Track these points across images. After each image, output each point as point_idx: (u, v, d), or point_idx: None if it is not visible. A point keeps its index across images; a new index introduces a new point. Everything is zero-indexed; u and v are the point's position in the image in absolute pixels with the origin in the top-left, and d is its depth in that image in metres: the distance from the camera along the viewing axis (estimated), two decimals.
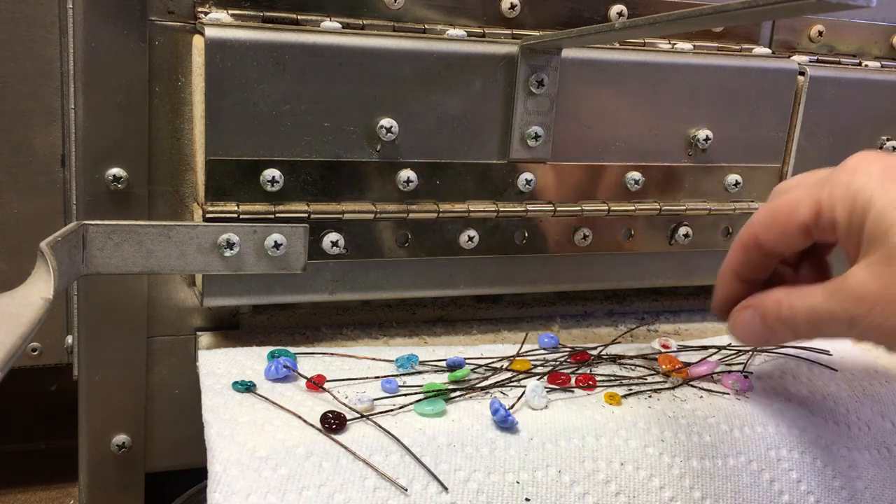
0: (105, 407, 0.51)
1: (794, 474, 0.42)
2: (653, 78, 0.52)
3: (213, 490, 0.36)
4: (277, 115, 0.45)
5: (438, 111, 0.48)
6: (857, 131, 0.59)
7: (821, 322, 0.35)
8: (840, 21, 0.61)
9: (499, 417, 0.40)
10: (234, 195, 0.46)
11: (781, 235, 0.37)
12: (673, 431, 0.42)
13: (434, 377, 0.45)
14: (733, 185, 0.56)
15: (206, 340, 0.51)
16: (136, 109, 0.46)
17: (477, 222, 0.51)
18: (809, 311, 0.36)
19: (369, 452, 0.38)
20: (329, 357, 0.47)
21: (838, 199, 0.35)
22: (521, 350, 0.49)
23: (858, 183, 0.34)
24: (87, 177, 0.46)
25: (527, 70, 0.49)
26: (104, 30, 0.44)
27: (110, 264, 0.42)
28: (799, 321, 0.36)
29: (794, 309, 0.36)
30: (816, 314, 0.35)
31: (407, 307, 0.56)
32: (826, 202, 0.35)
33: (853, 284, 0.34)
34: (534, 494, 0.38)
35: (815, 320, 0.35)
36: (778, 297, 0.38)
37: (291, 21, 0.47)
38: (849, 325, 0.34)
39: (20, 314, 0.33)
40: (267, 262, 0.45)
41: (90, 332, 0.49)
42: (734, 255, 0.40)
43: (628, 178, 0.54)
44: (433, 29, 0.50)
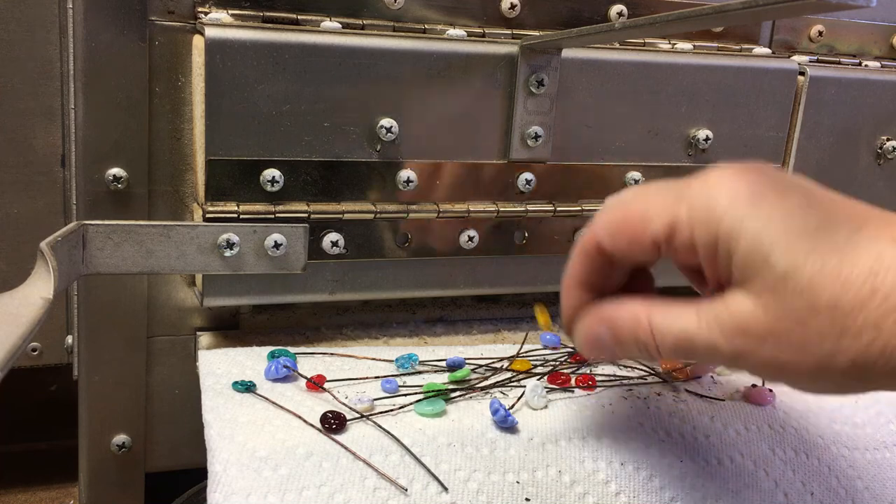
0: (105, 407, 0.51)
1: (793, 474, 0.42)
2: (653, 78, 0.52)
3: (213, 490, 0.36)
4: (277, 115, 0.45)
5: (438, 111, 0.48)
6: (857, 131, 0.59)
7: (694, 350, 0.31)
8: (840, 21, 0.61)
9: (499, 417, 0.40)
10: (234, 195, 0.46)
11: (630, 246, 0.32)
12: (673, 431, 0.42)
13: (434, 377, 0.45)
14: None
15: (206, 340, 0.51)
16: (136, 109, 0.46)
17: (477, 222, 0.51)
18: (681, 337, 0.31)
19: (369, 452, 0.38)
20: (329, 357, 0.47)
21: (698, 221, 0.30)
22: (521, 350, 0.49)
23: (723, 204, 0.29)
24: (87, 177, 0.46)
25: (527, 70, 0.49)
26: (104, 30, 0.44)
27: (110, 264, 0.42)
28: (666, 344, 0.32)
29: (661, 331, 0.31)
30: (690, 341, 0.31)
31: (407, 307, 0.56)
32: (683, 221, 0.30)
33: (737, 315, 0.29)
34: (534, 494, 0.38)
35: (686, 347, 0.31)
36: (635, 312, 0.33)
37: (291, 21, 0.47)
38: (732, 357, 0.30)
39: (20, 314, 0.33)
40: (267, 262, 0.45)
41: (90, 332, 0.49)
42: (577, 263, 0.35)
43: (628, 178, 0.54)
44: (433, 29, 0.50)
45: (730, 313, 0.30)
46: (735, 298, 0.30)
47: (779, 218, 0.29)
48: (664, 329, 0.31)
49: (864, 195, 0.61)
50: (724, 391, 0.46)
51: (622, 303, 0.33)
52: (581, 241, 0.35)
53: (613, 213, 0.33)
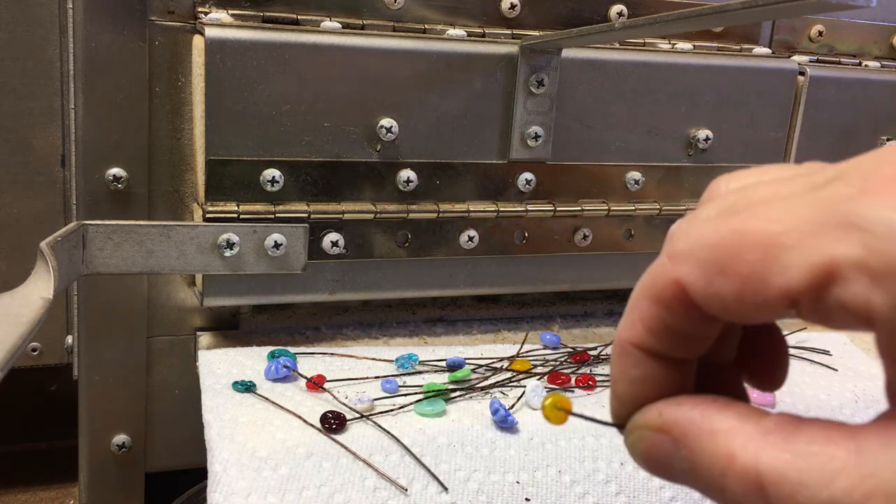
0: (105, 407, 0.51)
1: None
2: (653, 78, 0.52)
3: (213, 490, 0.36)
4: (277, 115, 0.45)
5: (438, 111, 0.48)
6: (857, 131, 0.59)
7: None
8: (840, 21, 0.61)
9: (499, 417, 0.40)
10: (234, 195, 0.46)
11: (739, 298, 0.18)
12: None
13: (434, 377, 0.45)
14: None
15: (206, 340, 0.51)
16: (136, 109, 0.46)
17: (477, 222, 0.51)
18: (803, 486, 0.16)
19: (369, 452, 0.38)
20: (329, 357, 0.47)
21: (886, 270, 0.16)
22: (521, 350, 0.49)
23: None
24: (87, 177, 0.46)
25: (527, 70, 0.49)
26: (104, 30, 0.44)
27: (110, 264, 0.42)
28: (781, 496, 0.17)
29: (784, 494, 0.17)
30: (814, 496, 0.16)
31: (407, 307, 0.56)
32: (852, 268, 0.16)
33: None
34: (534, 494, 0.38)
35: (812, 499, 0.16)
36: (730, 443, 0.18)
37: (291, 21, 0.47)
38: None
39: (20, 314, 0.33)
40: (267, 262, 0.45)
41: (90, 332, 0.49)
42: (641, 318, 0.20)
43: (628, 178, 0.54)
44: (433, 29, 0.50)
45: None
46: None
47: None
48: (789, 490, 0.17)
49: None
50: None
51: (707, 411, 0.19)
52: (647, 280, 0.20)
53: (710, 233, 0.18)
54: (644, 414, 0.20)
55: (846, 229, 0.16)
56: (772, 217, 0.17)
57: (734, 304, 0.18)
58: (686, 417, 0.19)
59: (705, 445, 0.18)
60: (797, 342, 0.52)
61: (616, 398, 0.21)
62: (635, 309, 0.20)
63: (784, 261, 0.17)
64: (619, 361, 0.21)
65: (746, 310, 0.18)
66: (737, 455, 0.18)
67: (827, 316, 0.17)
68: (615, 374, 0.21)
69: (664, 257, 0.19)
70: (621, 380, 0.21)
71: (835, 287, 0.16)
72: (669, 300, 0.19)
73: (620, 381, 0.21)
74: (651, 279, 0.19)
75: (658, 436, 0.20)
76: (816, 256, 0.16)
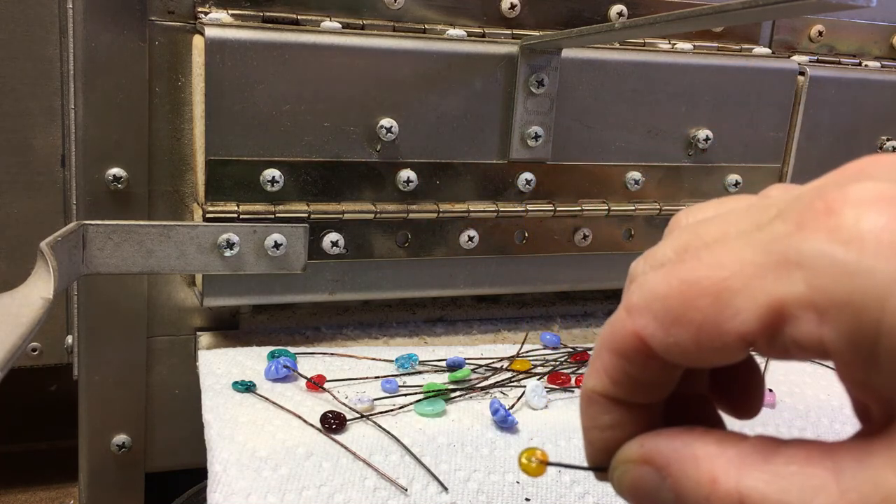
0: (105, 407, 0.51)
1: None
2: (653, 78, 0.52)
3: (213, 490, 0.36)
4: (277, 115, 0.45)
5: (438, 111, 0.48)
6: (857, 131, 0.59)
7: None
8: (840, 21, 0.61)
9: (499, 417, 0.40)
10: (234, 195, 0.46)
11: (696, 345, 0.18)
12: None
13: (434, 377, 0.45)
14: (733, 185, 0.56)
15: (206, 340, 0.51)
16: (136, 109, 0.46)
17: (477, 222, 0.51)
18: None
19: (369, 452, 0.38)
20: (329, 357, 0.47)
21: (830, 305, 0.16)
22: (521, 350, 0.49)
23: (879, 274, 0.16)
24: (87, 177, 0.46)
25: (527, 70, 0.49)
26: (104, 30, 0.44)
27: (110, 264, 0.42)
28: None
29: (748, 495, 0.17)
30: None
31: (407, 307, 0.56)
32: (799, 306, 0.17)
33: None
34: (534, 494, 0.38)
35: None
36: (712, 467, 0.18)
37: (291, 21, 0.47)
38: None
39: (20, 314, 0.33)
40: (267, 262, 0.45)
41: (90, 332, 0.49)
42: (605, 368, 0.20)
43: (628, 178, 0.54)
44: (433, 29, 0.50)
45: (888, 479, 0.16)
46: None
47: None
48: (756, 492, 0.17)
49: None
50: None
51: (687, 439, 0.19)
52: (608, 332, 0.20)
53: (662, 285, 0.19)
54: (625, 450, 0.21)
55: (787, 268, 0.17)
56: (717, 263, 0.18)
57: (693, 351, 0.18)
58: (667, 447, 0.19)
59: (689, 472, 0.19)
60: None
61: (590, 445, 0.21)
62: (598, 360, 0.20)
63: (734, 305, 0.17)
64: (588, 410, 0.21)
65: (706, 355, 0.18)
66: (719, 479, 0.18)
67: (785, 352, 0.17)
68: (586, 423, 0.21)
69: (622, 310, 0.20)
70: (593, 427, 0.21)
71: (787, 326, 0.17)
72: (630, 352, 0.19)
73: (592, 428, 0.21)
74: (611, 331, 0.20)
75: (642, 468, 0.20)
76: (763, 298, 0.17)
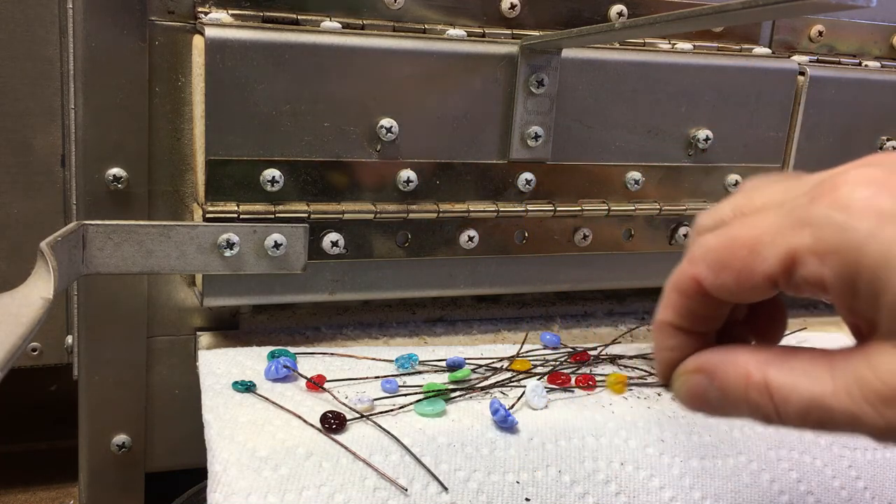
0: (105, 407, 0.51)
1: (793, 474, 0.42)
2: (653, 78, 0.52)
3: (213, 490, 0.36)
4: (277, 115, 0.45)
5: (438, 111, 0.48)
6: (857, 131, 0.59)
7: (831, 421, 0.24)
8: (840, 21, 0.61)
9: (499, 417, 0.40)
10: (234, 195, 0.46)
11: (738, 283, 0.26)
12: (673, 431, 0.42)
13: (434, 377, 0.45)
14: (733, 185, 0.56)
15: (206, 340, 0.51)
16: (136, 109, 0.46)
17: (477, 222, 0.51)
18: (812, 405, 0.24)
19: (369, 452, 0.38)
20: (329, 357, 0.47)
21: (829, 251, 0.23)
22: (521, 350, 0.49)
23: (861, 230, 0.23)
24: (87, 177, 0.46)
25: (527, 70, 0.49)
26: (104, 30, 0.44)
27: (110, 264, 0.42)
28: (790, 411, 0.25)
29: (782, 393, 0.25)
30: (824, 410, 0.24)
31: (407, 307, 0.56)
32: (807, 251, 0.24)
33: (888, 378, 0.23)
34: (534, 494, 0.38)
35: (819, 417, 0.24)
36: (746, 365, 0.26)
37: (291, 21, 0.47)
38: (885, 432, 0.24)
39: (20, 314, 0.33)
40: (267, 262, 0.45)
41: (90, 332, 0.49)
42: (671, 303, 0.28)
43: (628, 178, 0.54)
44: (433, 29, 0.50)
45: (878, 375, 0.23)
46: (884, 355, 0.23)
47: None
48: (787, 391, 0.25)
49: None
50: None
51: (729, 352, 0.27)
52: (675, 277, 0.28)
53: (714, 241, 0.26)
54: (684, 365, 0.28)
55: (801, 227, 0.24)
56: (754, 225, 0.26)
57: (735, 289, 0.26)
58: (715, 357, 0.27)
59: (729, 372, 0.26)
60: (798, 342, 0.52)
61: (659, 363, 0.29)
62: (667, 298, 0.28)
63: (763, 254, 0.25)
64: (658, 336, 0.29)
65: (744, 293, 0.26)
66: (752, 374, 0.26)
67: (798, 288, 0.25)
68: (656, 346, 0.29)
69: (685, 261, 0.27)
70: (661, 349, 0.29)
71: (799, 268, 0.24)
72: (690, 291, 0.27)
73: (660, 350, 0.29)
74: (677, 276, 0.28)
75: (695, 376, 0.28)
76: (783, 248, 0.24)
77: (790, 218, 0.24)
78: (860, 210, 0.23)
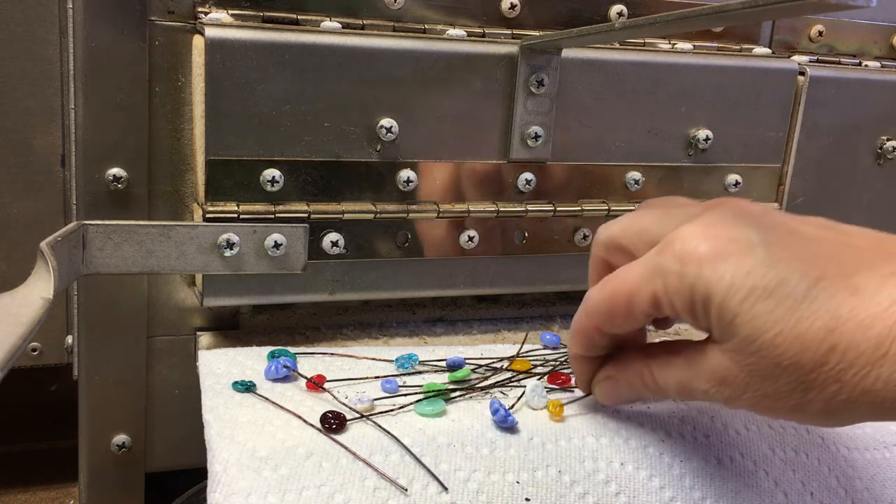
0: (105, 407, 0.51)
1: (794, 474, 0.42)
2: (653, 78, 0.52)
3: (213, 490, 0.36)
4: (277, 115, 0.46)
5: (438, 111, 0.48)
6: (857, 131, 0.59)
7: (693, 394, 0.35)
8: (840, 21, 0.61)
9: (499, 417, 0.40)
10: (234, 195, 0.46)
11: (625, 322, 0.36)
12: (673, 431, 0.42)
13: (434, 377, 0.45)
14: (733, 185, 0.56)
15: (206, 340, 0.51)
16: (136, 109, 0.46)
17: (477, 222, 0.51)
18: (681, 386, 0.35)
19: (369, 452, 0.38)
20: (329, 357, 0.47)
21: (674, 293, 0.33)
22: (521, 350, 0.49)
23: (690, 275, 0.32)
24: (87, 177, 0.46)
25: (527, 70, 0.49)
26: (104, 30, 0.44)
27: (110, 264, 0.42)
28: (669, 390, 0.36)
29: (663, 381, 0.36)
30: (688, 388, 0.35)
31: (407, 307, 0.56)
32: (663, 296, 0.34)
33: (716, 368, 0.33)
34: (534, 494, 0.38)
35: (687, 392, 0.35)
36: (638, 369, 0.38)
37: (291, 21, 0.47)
38: (724, 401, 0.34)
39: (20, 314, 0.33)
40: (267, 262, 0.45)
41: (90, 332, 0.49)
42: (580, 342, 0.39)
43: (628, 178, 0.54)
44: (433, 29, 0.50)
45: (710, 367, 0.33)
46: (714, 354, 0.33)
47: (740, 280, 0.31)
48: (664, 380, 0.36)
49: (863, 195, 0.61)
50: None
51: (626, 363, 0.39)
52: (579, 325, 0.38)
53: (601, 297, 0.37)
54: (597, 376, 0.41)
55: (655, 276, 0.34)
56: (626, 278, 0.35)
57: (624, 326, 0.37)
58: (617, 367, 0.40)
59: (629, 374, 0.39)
60: None
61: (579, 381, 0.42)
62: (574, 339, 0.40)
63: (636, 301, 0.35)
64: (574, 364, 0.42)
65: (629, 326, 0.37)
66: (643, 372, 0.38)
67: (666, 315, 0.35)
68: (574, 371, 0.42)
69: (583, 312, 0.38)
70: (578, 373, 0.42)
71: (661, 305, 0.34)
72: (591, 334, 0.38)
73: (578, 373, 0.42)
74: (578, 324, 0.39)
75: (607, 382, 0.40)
76: (648, 293, 0.34)
77: (649, 269, 0.34)
78: (688, 260, 0.32)
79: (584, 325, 0.38)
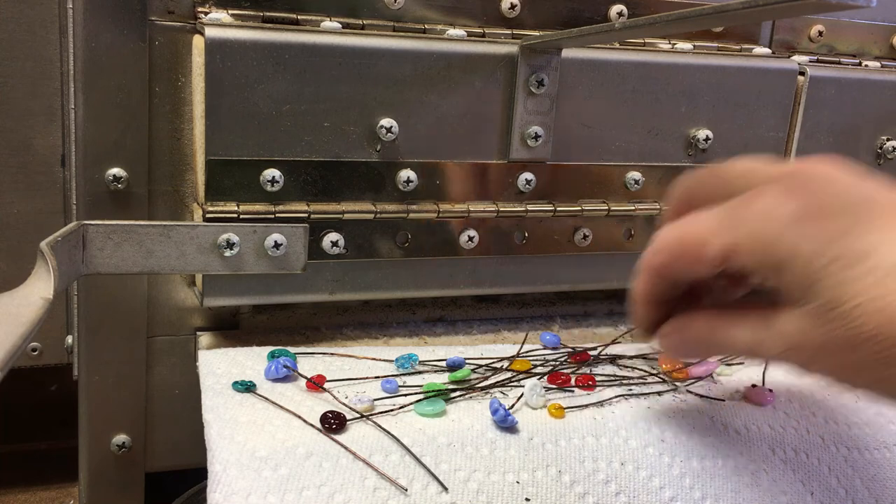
0: (105, 407, 0.51)
1: (794, 474, 0.42)
2: (653, 78, 0.52)
3: (213, 490, 0.36)
4: (277, 115, 0.45)
5: (438, 111, 0.48)
6: (857, 131, 0.59)
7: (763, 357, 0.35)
8: (840, 21, 0.61)
9: (499, 417, 0.40)
10: (234, 195, 0.46)
11: (690, 267, 0.35)
12: (673, 431, 0.42)
13: (434, 377, 0.45)
14: None
15: (206, 340, 0.51)
16: (136, 109, 0.46)
17: (477, 222, 0.51)
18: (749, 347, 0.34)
19: (369, 452, 0.38)
20: (329, 357, 0.47)
21: (749, 247, 0.32)
22: (521, 350, 0.49)
23: (770, 232, 0.31)
24: (87, 177, 0.46)
25: (527, 70, 0.49)
26: (104, 30, 0.44)
27: (110, 264, 0.42)
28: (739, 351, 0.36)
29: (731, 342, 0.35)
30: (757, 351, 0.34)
31: (407, 307, 0.56)
32: (735, 248, 0.33)
33: (790, 332, 0.32)
34: (534, 494, 0.38)
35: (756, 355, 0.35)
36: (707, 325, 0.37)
37: (291, 21, 0.47)
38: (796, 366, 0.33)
39: (20, 314, 0.33)
40: (267, 262, 0.45)
41: (90, 332, 0.49)
42: (645, 282, 0.38)
43: (628, 178, 0.54)
44: (433, 29, 0.50)
45: (784, 330, 0.32)
46: (789, 317, 0.32)
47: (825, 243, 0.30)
48: (733, 339, 0.35)
49: None
50: (724, 391, 0.46)
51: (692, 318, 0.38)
52: (645, 262, 0.37)
53: (672, 236, 0.36)
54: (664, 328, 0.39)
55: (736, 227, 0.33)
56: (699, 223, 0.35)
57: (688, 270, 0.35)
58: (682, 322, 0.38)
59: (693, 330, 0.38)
60: None
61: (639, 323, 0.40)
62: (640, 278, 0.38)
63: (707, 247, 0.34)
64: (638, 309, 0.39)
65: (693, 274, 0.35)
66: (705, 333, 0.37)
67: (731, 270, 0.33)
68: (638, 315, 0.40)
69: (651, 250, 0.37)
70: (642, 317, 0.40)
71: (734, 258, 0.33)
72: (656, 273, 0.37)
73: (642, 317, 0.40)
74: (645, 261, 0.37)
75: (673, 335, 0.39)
76: (723, 242, 0.33)
77: (726, 219, 0.34)
78: (771, 218, 0.32)
79: (649, 262, 0.37)
